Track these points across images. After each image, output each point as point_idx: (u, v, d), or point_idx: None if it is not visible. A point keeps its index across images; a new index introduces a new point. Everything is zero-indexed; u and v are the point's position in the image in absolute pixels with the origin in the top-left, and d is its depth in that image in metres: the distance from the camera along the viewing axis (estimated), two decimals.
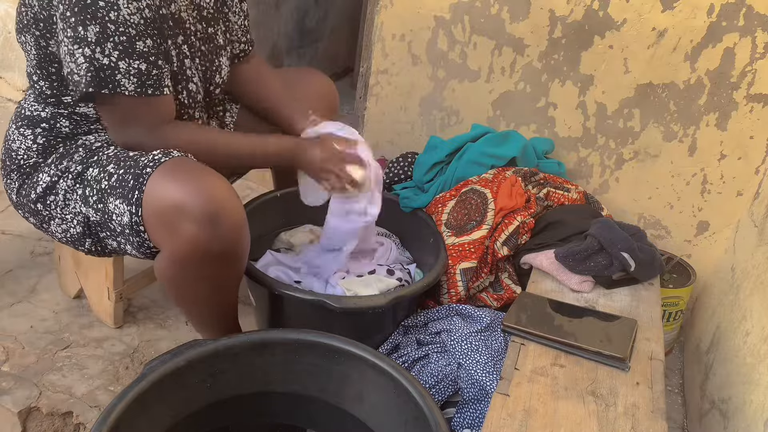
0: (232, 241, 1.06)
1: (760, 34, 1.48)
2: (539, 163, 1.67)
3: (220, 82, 1.31)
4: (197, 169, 1.06)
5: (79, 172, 1.15)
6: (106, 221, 1.11)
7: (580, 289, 1.34)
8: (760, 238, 1.43)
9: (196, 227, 1.01)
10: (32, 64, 1.14)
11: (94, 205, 1.11)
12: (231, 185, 1.09)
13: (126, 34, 1.03)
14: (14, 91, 2.54)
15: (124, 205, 1.06)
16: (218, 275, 1.12)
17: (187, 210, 1.01)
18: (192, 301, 1.18)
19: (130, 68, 1.04)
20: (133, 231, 1.07)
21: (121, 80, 1.05)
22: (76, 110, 1.17)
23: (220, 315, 1.24)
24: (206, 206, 1.01)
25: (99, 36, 1.01)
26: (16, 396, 1.26)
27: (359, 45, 2.88)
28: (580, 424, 0.98)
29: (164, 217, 1.03)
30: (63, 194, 1.16)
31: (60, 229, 1.19)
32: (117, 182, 1.07)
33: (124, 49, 1.03)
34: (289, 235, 1.60)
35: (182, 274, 1.09)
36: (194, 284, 1.12)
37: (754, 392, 1.15)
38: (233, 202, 1.06)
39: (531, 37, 1.72)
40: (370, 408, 1.10)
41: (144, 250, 1.10)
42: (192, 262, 1.06)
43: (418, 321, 1.38)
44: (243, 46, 1.38)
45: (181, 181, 1.03)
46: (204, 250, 1.04)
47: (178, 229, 1.02)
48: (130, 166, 1.08)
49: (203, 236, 1.02)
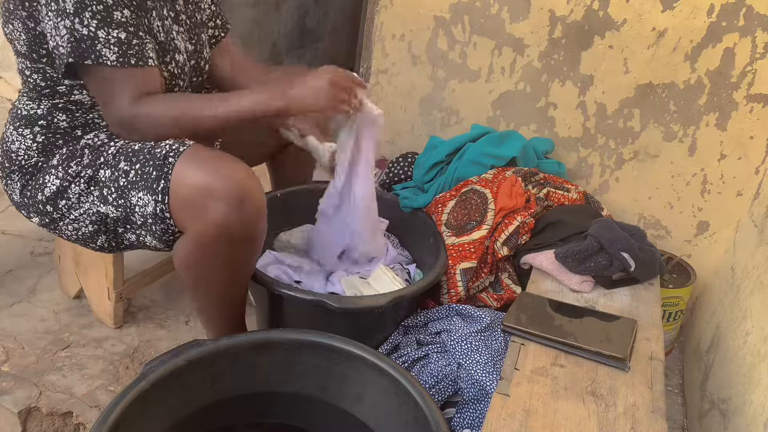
0: (254, 225, 1.10)
1: (760, 34, 1.48)
2: (539, 163, 1.67)
3: (207, 57, 1.33)
4: (219, 156, 1.10)
5: (91, 175, 1.16)
6: (128, 215, 1.13)
7: (580, 289, 1.34)
8: (760, 238, 1.43)
9: (224, 209, 1.05)
10: (22, 53, 1.14)
11: (114, 202, 1.13)
12: (252, 171, 1.11)
13: (102, 3, 1.04)
14: (14, 91, 2.54)
15: (148, 196, 1.08)
16: (236, 261, 1.15)
17: (216, 193, 1.04)
18: (207, 289, 1.20)
19: (109, 37, 1.06)
20: (158, 219, 1.10)
21: (101, 50, 1.06)
22: (71, 99, 1.17)
23: (231, 307, 1.25)
24: (234, 189, 1.05)
25: (77, 6, 1.03)
26: (16, 396, 1.26)
27: (359, 45, 2.88)
28: (580, 424, 0.98)
29: (192, 202, 1.06)
30: (77, 198, 1.17)
31: (71, 228, 1.20)
32: (137, 176, 1.10)
33: (102, 18, 1.05)
34: (289, 235, 1.60)
35: (206, 258, 1.11)
36: (212, 271, 1.14)
37: (754, 392, 1.15)
38: (256, 187, 1.10)
39: (531, 37, 1.72)
40: (370, 408, 1.10)
41: (166, 237, 1.13)
42: (216, 244, 1.08)
43: (418, 321, 1.38)
44: (213, 31, 1.38)
45: (207, 166, 1.06)
46: (229, 232, 1.07)
47: (207, 211, 1.05)
48: (146, 159, 1.10)
49: (231, 217, 1.05)
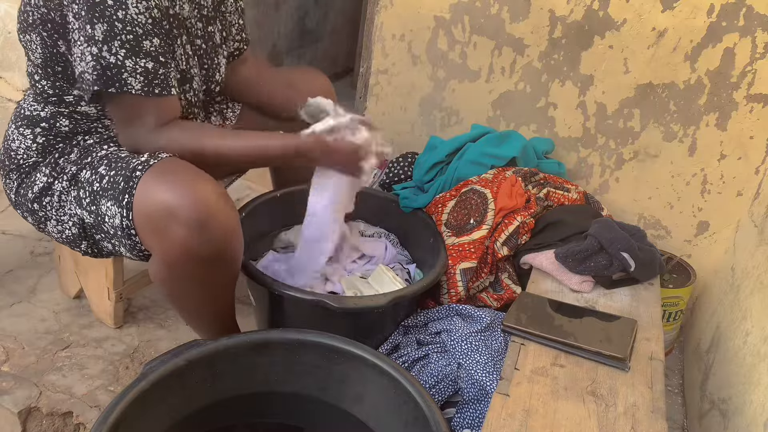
0: (222, 245, 1.05)
1: (760, 34, 1.48)
2: (539, 163, 1.67)
3: (219, 80, 1.31)
4: (187, 172, 1.05)
5: (74, 173, 1.15)
6: (100, 223, 1.11)
7: (580, 289, 1.34)
8: (760, 238, 1.43)
9: (185, 231, 1.00)
10: (36, 63, 1.14)
11: (88, 207, 1.11)
12: (223, 188, 1.08)
13: (133, 32, 1.02)
14: (14, 91, 2.54)
15: (115, 208, 1.06)
16: (211, 278, 1.12)
17: (177, 214, 1.00)
18: (186, 303, 1.18)
19: (136, 66, 1.04)
20: (125, 234, 1.07)
21: (127, 79, 1.04)
22: (77, 109, 1.17)
23: (215, 316, 1.23)
24: (196, 210, 1.00)
25: (106, 34, 1.01)
26: (16, 396, 1.26)
27: (359, 45, 2.88)
28: (580, 424, 0.98)
29: (154, 221, 1.02)
30: (58, 196, 1.16)
31: (56, 230, 1.20)
32: (108, 184, 1.07)
33: (131, 47, 1.03)
34: (289, 235, 1.60)
35: (175, 276, 1.09)
36: (187, 287, 1.12)
37: (754, 392, 1.15)
38: (224, 206, 1.04)
39: (531, 37, 1.72)
40: (370, 408, 1.10)
41: (137, 252, 1.10)
42: (184, 266, 1.05)
43: (418, 321, 1.38)
44: (237, 44, 1.38)
45: (171, 184, 1.02)
46: (194, 254, 1.03)
47: (168, 232, 1.01)
48: (120, 167, 1.07)
49: (193, 240, 1.01)
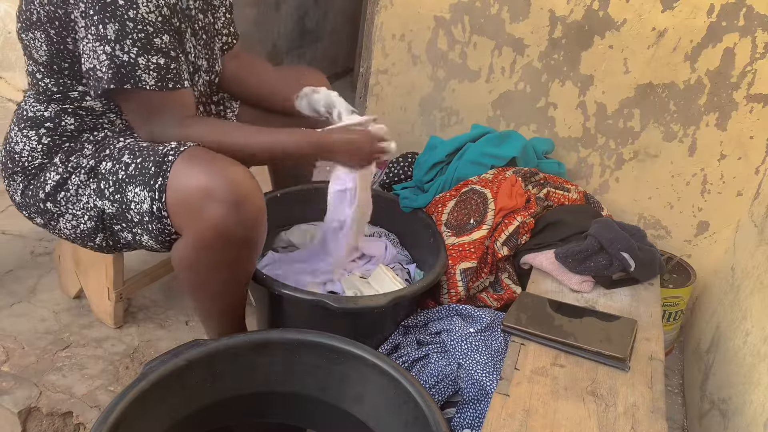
0: (253, 227, 1.09)
1: (760, 34, 1.48)
2: (539, 163, 1.67)
3: (219, 71, 1.33)
4: (218, 157, 1.09)
5: (92, 166, 1.16)
6: (124, 211, 1.12)
7: (580, 289, 1.34)
8: (760, 238, 1.43)
9: (222, 210, 1.04)
10: (39, 61, 1.14)
11: (111, 197, 1.13)
12: (251, 173, 1.11)
13: (144, 31, 1.05)
14: (14, 91, 2.54)
15: (145, 192, 1.08)
16: (236, 262, 1.14)
17: (214, 194, 1.03)
18: (206, 291, 1.19)
19: (149, 63, 1.07)
20: (154, 218, 1.09)
21: (141, 75, 1.07)
22: (82, 104, 1.17)
23: (230, 309, 1.24)
24: (232, 191, 1.04)
25: (118, 34, 1.04)
26: (16, 396, 1.26)
27: (359, 45, 2.88)
28: (580, 424, 0.98)
29: (189, 202, 1.05)
30: (75, 189, 1.17)
31: (70, 225, 1.20)
32: (136, 170, 1.09)
33: (143, 45, 1.06)
34: (289, 234, 1.60)
35: (202, 260, 1.10)
36: (212, 272, 1.13)
37: (754, 392, 1.15)
38: (255, 189, 1.09)
39: (531, 37, 1.72)
40: (370, 408, 1.10)
41: (163, 237, 1.12)
42: (214, 247, 1.08)
43: (418, 321, 1.38)
44: (226, 38, 1.39)
45: (206, 167, 1.06)
46: (228, 234, 1.06)
47: (204, 213, 1.04)
48: (149, 154, 1.10)
49: (229, 220, 1.05)
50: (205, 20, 1.26)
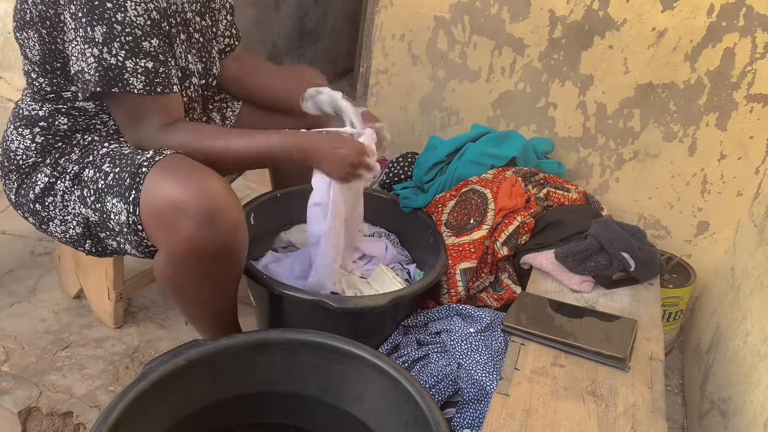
0: (229, 240, 1.07)
1: (760, 34, 1.48)
2: (539, 163, 1.67)
3: (216, 74, 1.32)
4: (193, 168, 1.06)
5: (77, 173, 1.15)
6: (105, 221, 1.11)
7: (580, 289, 1.34)
8: (760, 238, 1.43)
9: (193, 226, 1.01)
10: (33, 60, 1.14)
11: (92, 206, 1.12)
12: (228, 184, 1.09)
13: (132, 34, 1.04)
14: (14, 91, 2.54)
15: (121, 204, 1.06)
16: (217, 274, 1.12)
17: (185, 208, 1.01)
18: (191, 300, 1.18)
19: (137, 67, 1.06)
20: (131, 230, 1.07)
21: (129, 79, 1.06)
22: (75, 105, 1.17)
23: (219, 314, 1.24)
24: (204, 204, 1.01)
25: (106, 36, 1.02)
26: (16, 396, 1.26)
27: (359, 45, 2.88)
28: (580, 424, 0.98)
29: (161, 216, 1.03)
30: (61, 195, 1.16)
31: (59, 230, 1.20)
32: (113, 181, 1.08)
33: (130, 49, 1.04)
34: (289, 235, 1.60)
35: (180, 273, 1.09)
36: (193, 283, 1.12)
37: (754, 392, 1.15)
38: (230, 201, 1.06)
39: (531, 37, 1.73)
40: (370, 408, 1.10)
41: (143, 249, 1.11)
42: (190, 261, 1.06)
43: (418, 321, 1.38)
44: (228, 40, 1.39)
45: (178, 179, 1.03)
46: (202, 249, 1.04)
47: (176, 227, 1.02)
48: (126, 164, 1.08)
49: (201, 235, 1.02)
50: (202, 23, 1.25)
